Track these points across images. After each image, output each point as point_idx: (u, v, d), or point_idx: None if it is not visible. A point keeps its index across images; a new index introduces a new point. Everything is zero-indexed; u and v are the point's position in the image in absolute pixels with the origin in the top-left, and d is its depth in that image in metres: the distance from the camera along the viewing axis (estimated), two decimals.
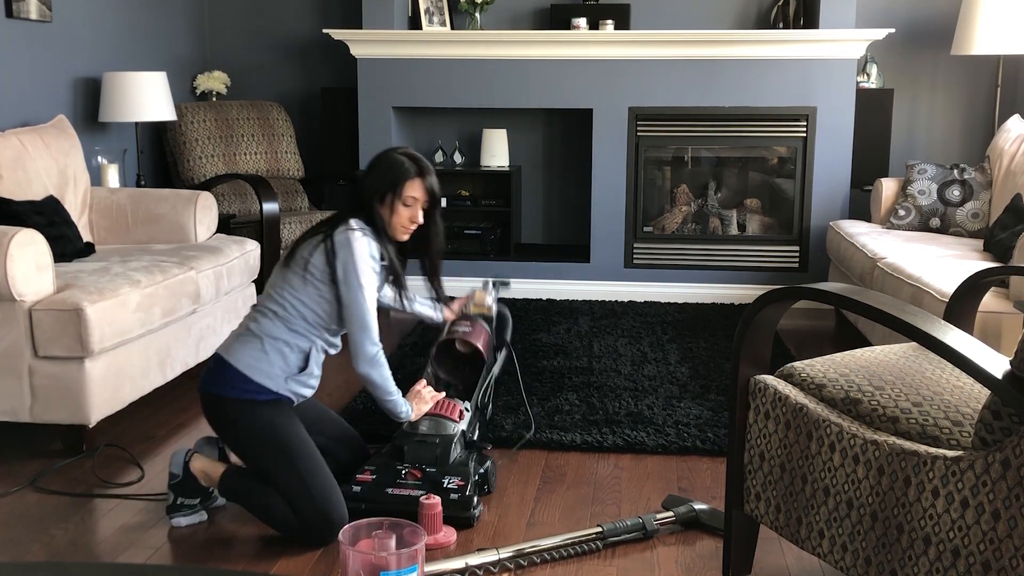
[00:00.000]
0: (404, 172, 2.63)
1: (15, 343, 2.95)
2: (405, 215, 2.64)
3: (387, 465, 2.64)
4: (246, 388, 2.49)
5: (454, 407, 2.78)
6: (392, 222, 2.64)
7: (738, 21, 5.33)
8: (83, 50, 4.53)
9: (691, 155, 5.39)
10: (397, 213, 2.63)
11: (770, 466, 2.09)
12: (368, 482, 2.59)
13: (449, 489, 2.56)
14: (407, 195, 2.63)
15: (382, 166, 2.68)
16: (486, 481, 2.72)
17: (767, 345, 2.18)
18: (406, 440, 2.68)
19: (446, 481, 2.59)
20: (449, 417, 2.73)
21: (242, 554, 2.40)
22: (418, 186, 2.64)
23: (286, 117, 5.41)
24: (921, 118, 5.33)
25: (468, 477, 2.60)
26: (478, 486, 2.67)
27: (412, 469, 2.62)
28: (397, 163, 2.66)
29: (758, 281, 5.12)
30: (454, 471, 2.63)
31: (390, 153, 2.71)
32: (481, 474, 2.69)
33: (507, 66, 5.09)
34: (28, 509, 2.68)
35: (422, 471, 2.61)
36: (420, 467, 2.63)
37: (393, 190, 2.62)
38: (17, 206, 3.36)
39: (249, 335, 2.55)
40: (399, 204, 2.62)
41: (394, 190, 2.62)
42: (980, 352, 1.69)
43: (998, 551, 1.63)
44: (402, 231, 2.66)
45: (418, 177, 2.64)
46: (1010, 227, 3.83)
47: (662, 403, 3.45)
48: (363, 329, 2.55)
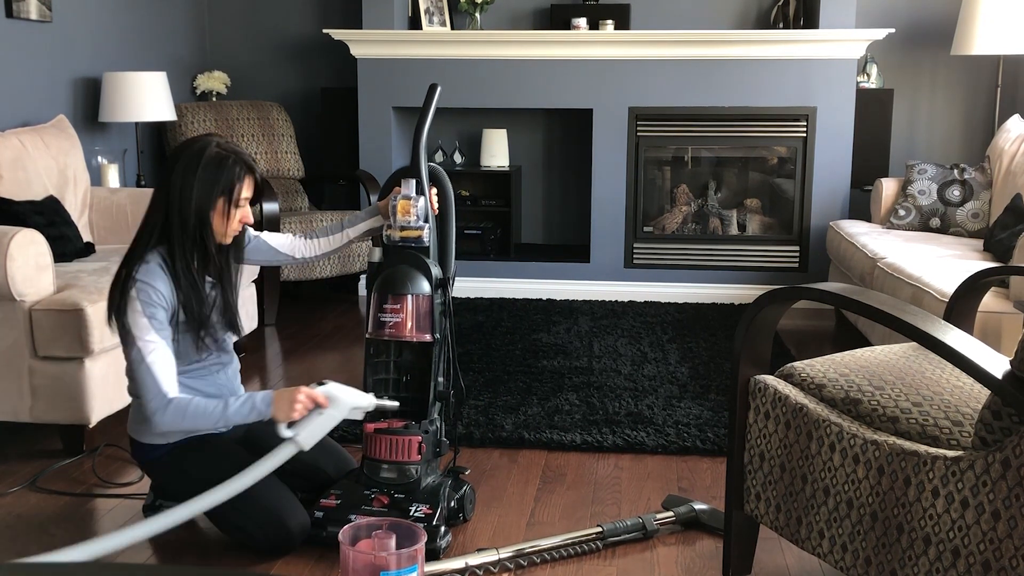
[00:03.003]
0: (234, 172, 2.34)
1: (15, 343, 2.95)
2: (237, 218, 2.39)
3: (353, 489, 2.48)
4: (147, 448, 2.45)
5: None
6: (226, 231, 2.39)
7: (738, 21, 5.33)
8: (83, 50, 4.53)
9: (691, 155, 5.39)
10: (231, 219, 2.37)
11: (770, 466, 2.09)
12: (331, 507, 2.43)
13: (416, 517, 2.38)
14: (242, 197, 2.38)
15: (206, 167, 2.33)
16: (461, 509, 2.53)
17: (767, 345, 2.18)
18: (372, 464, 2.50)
19: (413, 509, 2.40)
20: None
21: (243, 554, 2.40)
22: (249, 183, 2.39)
23: (286, 117, 5.41)
24: (921, 118, 5.33)
25: (437, 505, 2.42)
26: (452, 514, 2.50)
27: (379, 495, 2.44)
28: (221, 161, 2.34)
29: (758, 281, 5.12)
30: (424, 498, 2.44)
31: (204, 149, 2.34)
32: (458, 500, 2.51)
33: (507, 66, 5.09)
34: (28, 509, 2.68)
35: (390, 496, 2.44)
36: (388, 492, 2.45)
37: (228, 195, 2.34)
38: (17, 206, 3.36)
39: (132, 399, 2.46)
40: (233, 209, 2.37)
41: (229, 195, 2.34)
42: (980, 352, 1.69)
43: (998, 551, 1.63)
44: (232, 235, 2.42)
45: (249, 173, 2.38)
46: (1010, 227, 3.83)
47: (662, 403, 3.45)
48: (143, 387, 2.30)
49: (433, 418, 2.53)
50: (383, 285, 2.49)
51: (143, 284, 2.30)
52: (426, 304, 2.48)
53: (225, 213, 2.36)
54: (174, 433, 2.43)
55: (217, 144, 2.37)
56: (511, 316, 4.73)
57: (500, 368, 3.85)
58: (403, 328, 2.46)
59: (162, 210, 2.36)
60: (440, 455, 2.57)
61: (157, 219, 2.36)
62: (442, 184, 2.61)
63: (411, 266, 2.50)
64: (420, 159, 2.53)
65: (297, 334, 4.50)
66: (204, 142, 2.37)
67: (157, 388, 2.28)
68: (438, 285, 2.52)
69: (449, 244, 2.61)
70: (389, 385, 2.57)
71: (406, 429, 2.49)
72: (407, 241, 2.52)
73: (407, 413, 2.53)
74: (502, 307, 4.91)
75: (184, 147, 2.38)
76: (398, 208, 2.50)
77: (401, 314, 2.46)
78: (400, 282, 2.47)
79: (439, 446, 2.55)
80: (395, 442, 2.48)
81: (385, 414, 2.51)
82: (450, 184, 2.64)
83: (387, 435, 2.48)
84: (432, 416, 2.53)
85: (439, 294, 2.52)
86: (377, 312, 2.48)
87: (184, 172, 2.33)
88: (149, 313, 2.29)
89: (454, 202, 2.65)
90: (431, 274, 2.50)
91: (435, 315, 2.51)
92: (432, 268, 2.51)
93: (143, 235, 2.38)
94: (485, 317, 4.71)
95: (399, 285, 2.46)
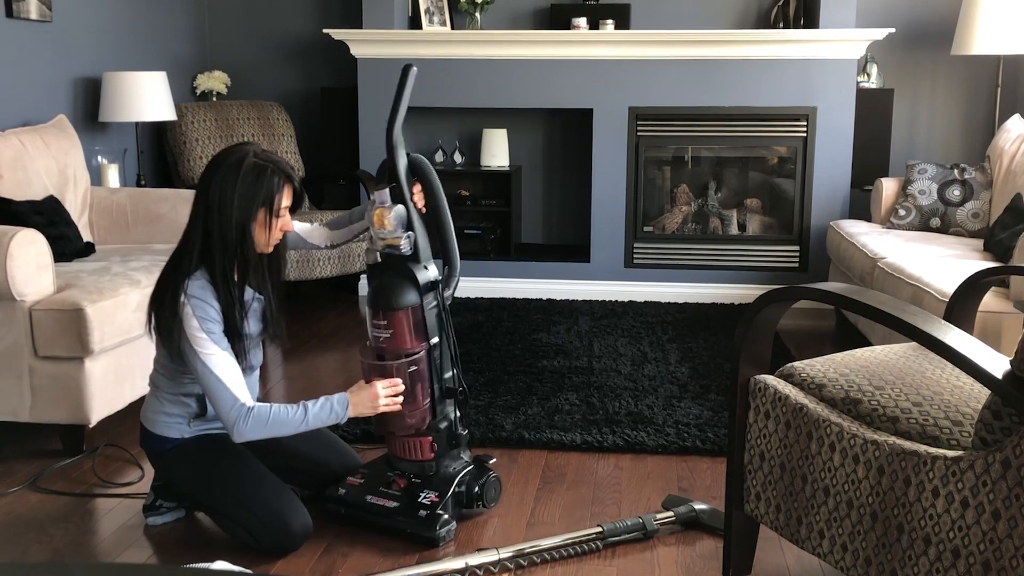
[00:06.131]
0: (273, 182, 2.33)
1: (15, 343, 2.95)
2: (278, 227, 2.38)
3: (379, 470, 2.57)
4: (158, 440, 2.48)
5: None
6: (268, 240, 2.39)
7: (738, 21, 5.33)
8: (83, 50, 4.53)
9: (691, 155, 5.39)
10: (272, 229, 2.37)
11: (770, 466, 2.09)
12: (355, 485, 2.53)
13: (421, 504, 2.43)
14: (283, 207, 2.37)
15: (245, 179, 2.31)
16: (481, 496, 2.53)
17: (767, 345, 2.18)
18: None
19: (422, 495, 2.45)
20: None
21: (243, 554, 2.40)
22: (288, 192, 2.38)
23: (286, 117, 5.41)
24: (921, 118, 5.33)
25: (445, 492, 2.45)
26: (471, 500, 2.52)
27: (398, 478, 2.52)
28: (260, 171, 2.31)
29: (758, 281, 5.12)
30: (436, 484, 2.48)
31: (243, 160, 2.31)
32: (480, 486, 2.52)
33: (507, 66, 5.09)
34: (28, 509, 2.68)
35: (407, 480, 2.51)
36: (407, 476, 2.52)
37: (269, 206, 2.34)
38: (17, 206, 3.36)
39: (152, 388, 2.52)
40: (274, 219, 2.36)
41: (270, 206, 2.34)
42: (980, 352, 1.69)
43: (998, 551, 1.63)
44: (273, 244, 2.42)
45: (287, 182, 2.36)
46: (1010, 227, 3.83)
47: (662, 403, 3.45)
48: (217, 399, 2.31)
49: (445, 415, 2.55)
50: (371, 300, 2.47)
51: (198, 300, 2.31)
52: (417, 313, 2.45)
53: (266, 224, 2.36)
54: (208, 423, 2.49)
55: (255, 153, 2.34)
56: (511, 316, 4.73)
57: (500, 368, 3.85)
58: (395, 342, 2.45)
59: (201, 224, 2.34)
60: (457, 446, 2.58)
61: (197, 234, 2.35)
62: (425, 175, 2.52)
63: (398, 276, 2.45)
64: (396, 153, 2.45)
65: (297, 334, 4.50)
66: (242, 152, 2.34)
67: (232, 398, 2.30)
68: (429, 288, 2.47)
69: (448, 235, 2.53)
70: None
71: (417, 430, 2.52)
72: (391, 249, 2.48)
73: None
74: (502, 307, 4.91)
75: (221, 158, 2.35)
76: (374, 219, 2.45)
77: (391, 329, 2.44)
78: (386, 298, 2.44)
79: (455, 439, 2.56)
80: (408, 443, 2.53)
81: None
82: (434, 173, 2.54)
83: (401, 436, 2.52)
84: (444, 413, 2.54)
85: (432, 296, 2.48)
86: (370, 327, 2.49)
87: (223, 184, 2.31)
88: (207, 328, 2.31)
89: (442, 190, 2.55)
90: (418, 281, 2.44)
91: (429, 320, 2.47)
92: (420, 273, 2.45)
93: (185, 250, 2.36)
94: (485, 317, 4.71)
95: (385, 301, 2.44)
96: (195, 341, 2.30)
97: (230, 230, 2.32)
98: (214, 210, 2.31)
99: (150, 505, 2.58)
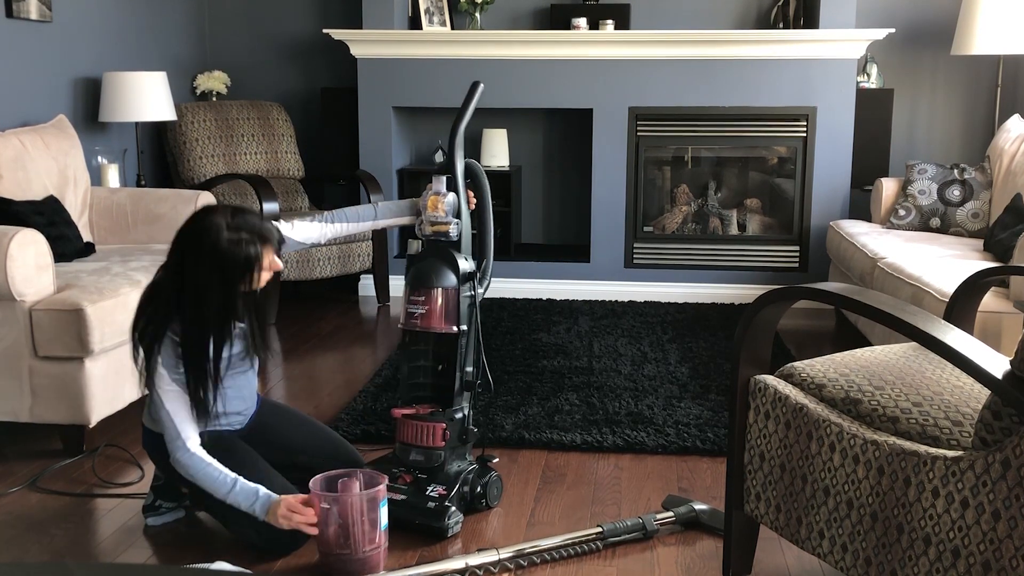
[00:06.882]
0: (251, 252, 2.31)
1: (15, 343, 2.95)
2: (265, 278, 2.40)
3: (384, 467, 2.61)
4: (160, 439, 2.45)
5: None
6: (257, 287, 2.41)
7: (738, 21, 5.33)
8: (83, 50, 4.53)
9: (691, 155, 5.39)
10: (258, 281, 2.39)
11: (770, 466, 2.09)
12: None
13: (429, 496, 2.51)
14: (266, 263, 2.37)
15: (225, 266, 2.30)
16: (484, 495, 2.62)
17: (767, 345, 2.18)
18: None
19: (430, 489, 2.53)
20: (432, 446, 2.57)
21: (243, 554, 2.40)
22: (269, 248, 2.37)
23: (286, 117, 5.41)
24: (921, 118, 5.33)
25: (452, 487, 2.53)
26: (475, 499, 2.60)
27: (404, 473, 2.58)
28: (236, 245, 2.29)
29: (758, 281, 5.12)
30: (443, 479, 2.56)
31: (217, 243, 2.27)
32: (482, 485, 2.60)
33: (507, 66, 5.09)
34: (28, 509, 2.68)
35: (413, 476, 2.58)
36: (413, 472, 2.58)
37: (251, 273, 2.34)
38: (17, 206, 3.36)
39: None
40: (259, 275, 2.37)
41: (251, 272, 2.35)
42: (980, 352, 1.69)
43: (998, 551, 1.63)
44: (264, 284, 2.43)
45: (265, 243, 2.35)
46: (1010, 227, 3.83)
47: (662, 403, 3.45)
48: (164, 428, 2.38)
49: (461, 407, 2.62)
50: (413, 278, 2.61)
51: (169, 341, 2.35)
52: (452, 296, 2.58)
53: (253, 280, 2.37)
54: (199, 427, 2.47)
55: (227, 226, 2.29)
56: (511, 316, 4.73)
57: (500, 368, 3.85)
58: (429, 319, 2.58)
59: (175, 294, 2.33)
60: (467, 443, 2.64)
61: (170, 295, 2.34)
62: (478, 178, 2.72)
63: (439, 259, 2.60)
64: (456, 155, 2.64)
65: (297, 334, 4.50)
66: (213, 233, 2.28)
67: (176, 433, 2.36)
68: (466, 279, 2.61)
69: (488, 237, 2.72)
70: (421, 372, 2.66)
71: (432, 416, 2.59)
72: (437, 235, 2.63)
73: (436, 400, 2.64)
74: (502, 307, 4.91)
75: (192, 239, 2.31)
76: (428, 203, 2.63)
77: (427, 306, 2.57)
78: (427, 276, 2.58)
79: (466, 434, 2.63)
80: (421, 428, 2.59)
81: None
82: (486, 179, 2.74)
83: (414, 420, 2.60)
84: (461, 405, 2.62)
85: (467, 287, 2.61)
86: (407, 303, 2.61)
87: (198, 270, 2.30)
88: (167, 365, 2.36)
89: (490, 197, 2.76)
90: (458, 267, 2.59)
91: (462, 308, 2.60)
92: (461, 262, 2.60)
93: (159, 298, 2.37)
94: (485, 317, 4.71)
95: (425, 279, 2.58)
96: (159, 377, 2.36)
97: (211, 317, 2.33)
98: (192, 295, 2.31)
99: (150, 505, 2.59)
